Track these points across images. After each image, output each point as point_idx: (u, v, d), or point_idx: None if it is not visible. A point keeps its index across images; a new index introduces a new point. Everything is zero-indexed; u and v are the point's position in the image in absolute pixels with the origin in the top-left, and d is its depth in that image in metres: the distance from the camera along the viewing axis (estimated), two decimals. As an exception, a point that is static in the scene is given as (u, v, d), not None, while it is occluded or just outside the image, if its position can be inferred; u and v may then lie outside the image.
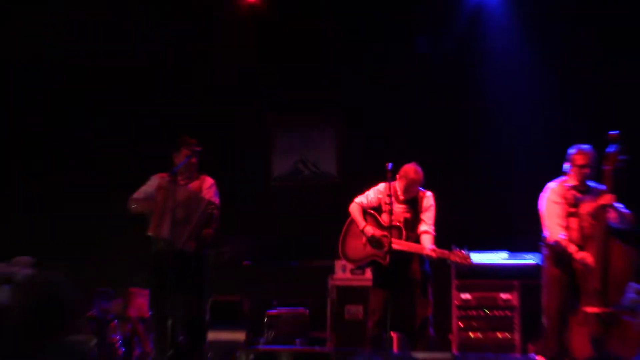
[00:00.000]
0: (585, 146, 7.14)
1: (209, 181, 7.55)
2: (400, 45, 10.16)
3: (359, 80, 10.23)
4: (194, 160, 7.45)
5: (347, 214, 7.67)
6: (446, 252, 7.21)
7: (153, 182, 7.42)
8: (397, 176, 7.39)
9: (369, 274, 8.32)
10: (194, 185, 7.46)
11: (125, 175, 8.34)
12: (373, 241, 7.42)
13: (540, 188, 7.34)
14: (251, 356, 6.99)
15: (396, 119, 10.03)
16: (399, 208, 7.42)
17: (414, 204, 7.49)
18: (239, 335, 8.62)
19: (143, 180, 7.55)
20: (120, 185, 7.88)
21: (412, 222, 7.44)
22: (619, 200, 6.94)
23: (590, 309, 6.83)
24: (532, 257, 8.37)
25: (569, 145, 7.24)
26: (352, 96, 10.33)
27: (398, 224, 7.33)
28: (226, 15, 10.37)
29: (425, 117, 9.96)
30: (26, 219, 10.56)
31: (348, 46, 10.29)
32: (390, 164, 7.24)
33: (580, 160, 7.10)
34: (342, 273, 8.84)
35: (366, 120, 10.30)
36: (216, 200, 7.45)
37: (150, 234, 7.30)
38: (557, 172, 7.29)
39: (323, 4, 10.31)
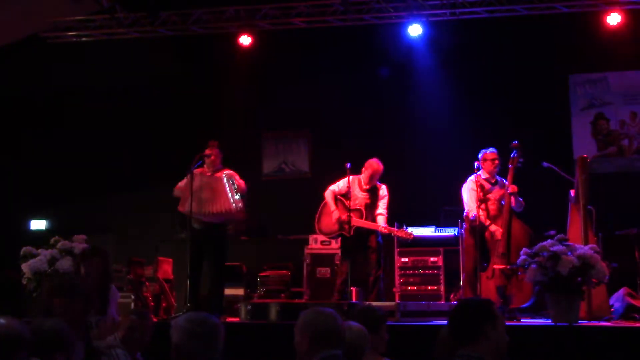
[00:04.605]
0: (493, 149, 7.23)
1: (225, 172, 7.26)
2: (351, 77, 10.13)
3: (322, 107, 10.18)
4: (213, 157, 7.24)
5: (317, 200, 7.61)
6: (394, 229, 7.29)
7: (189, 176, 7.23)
8: (363, 168, 7.39)
9: (333, 244, 8.34)
10: (218, 174, 7.24)
11: (152, 174, 8.24)
12: (339, 222, 7.47)
13: (458, 181, 7.36)
14: (248, 307, 6.81)
15: (349, 132, 9.98)
16: (362, 195, 7.44)
17: (373, 193, 7.48)
18: (239, 291, 8.60)
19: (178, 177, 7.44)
20: (146, 182, 7.77)
21: (371, 206, 7.45)
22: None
23: (497, 266, 6.93)
24: (451, 230, 8.34)
25: (479, 149, 7.29)
26: (317, 118, 10.29)
27: (360, 207, 7.37)
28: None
29: (371, 130, 9.91)
30: (81, 207, 10.45)
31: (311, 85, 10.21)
32: (349, 164, 7.29)
33: (490, 158, 7.21)
34: (314, 244, 8.74)
35: (328, 134, 10.28)
36: (241, 182, 7.24)
37: (179, 210, 7.25)
38: (470, 169, 7.26)
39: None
